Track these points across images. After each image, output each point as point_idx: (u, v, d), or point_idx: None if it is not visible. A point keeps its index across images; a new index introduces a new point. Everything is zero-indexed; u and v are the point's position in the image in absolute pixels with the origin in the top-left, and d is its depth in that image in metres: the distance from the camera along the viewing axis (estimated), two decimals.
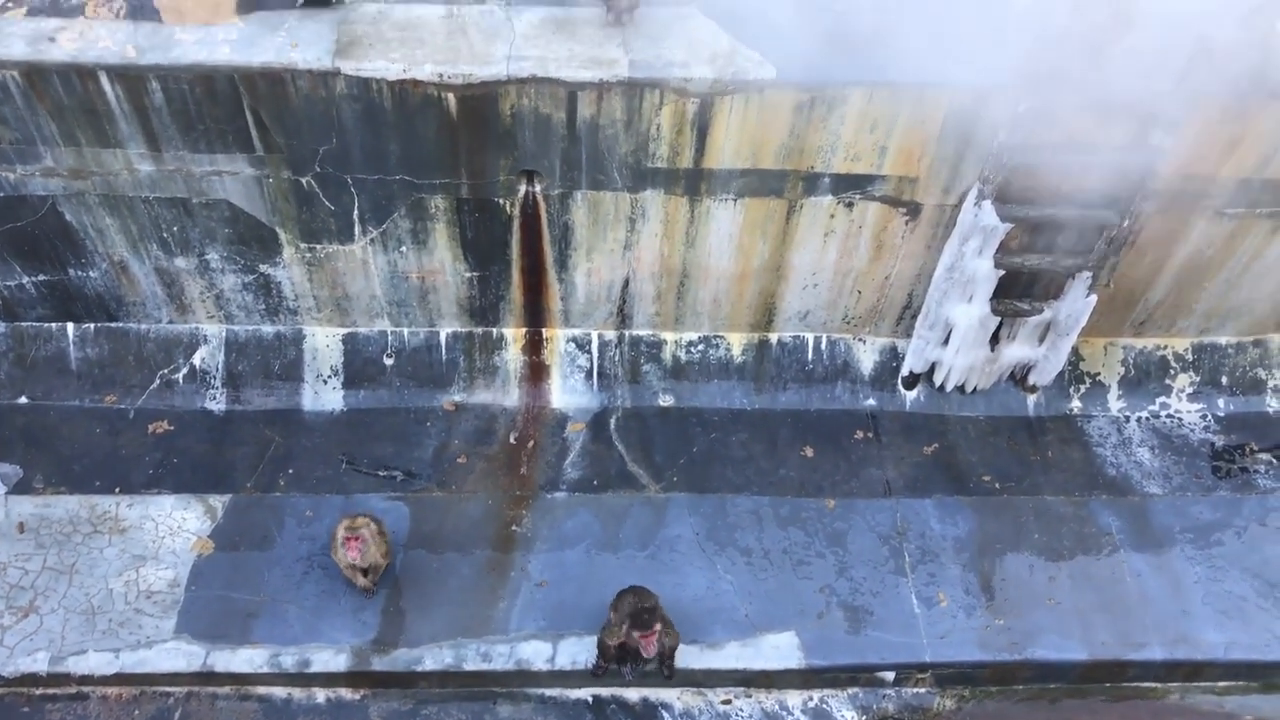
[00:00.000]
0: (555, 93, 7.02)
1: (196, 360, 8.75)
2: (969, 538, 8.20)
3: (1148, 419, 9.00)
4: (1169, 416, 9.01)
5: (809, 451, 8.67)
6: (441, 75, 6.86)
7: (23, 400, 8.61)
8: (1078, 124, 7.09)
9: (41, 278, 8.29)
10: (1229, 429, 8.94)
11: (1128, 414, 9.01)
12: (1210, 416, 9.02)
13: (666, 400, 8.92)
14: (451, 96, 6.99)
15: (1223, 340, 9.09)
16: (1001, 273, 7.83)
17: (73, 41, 6.80)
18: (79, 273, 8.26)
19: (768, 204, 7.84)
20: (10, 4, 6.98)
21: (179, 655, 7.27)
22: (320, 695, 7.39)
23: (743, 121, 7.21)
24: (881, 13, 7.09)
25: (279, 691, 7.37)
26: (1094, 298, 8.00)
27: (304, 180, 7.54)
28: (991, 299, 8.06)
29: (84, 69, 6.79)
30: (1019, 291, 8.16)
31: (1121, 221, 7.50)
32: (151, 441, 8.47)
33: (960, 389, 8.93)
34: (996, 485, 8.51)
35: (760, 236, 8.10)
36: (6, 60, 6.73)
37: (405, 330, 8.83)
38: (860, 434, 8.81)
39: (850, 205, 7.84)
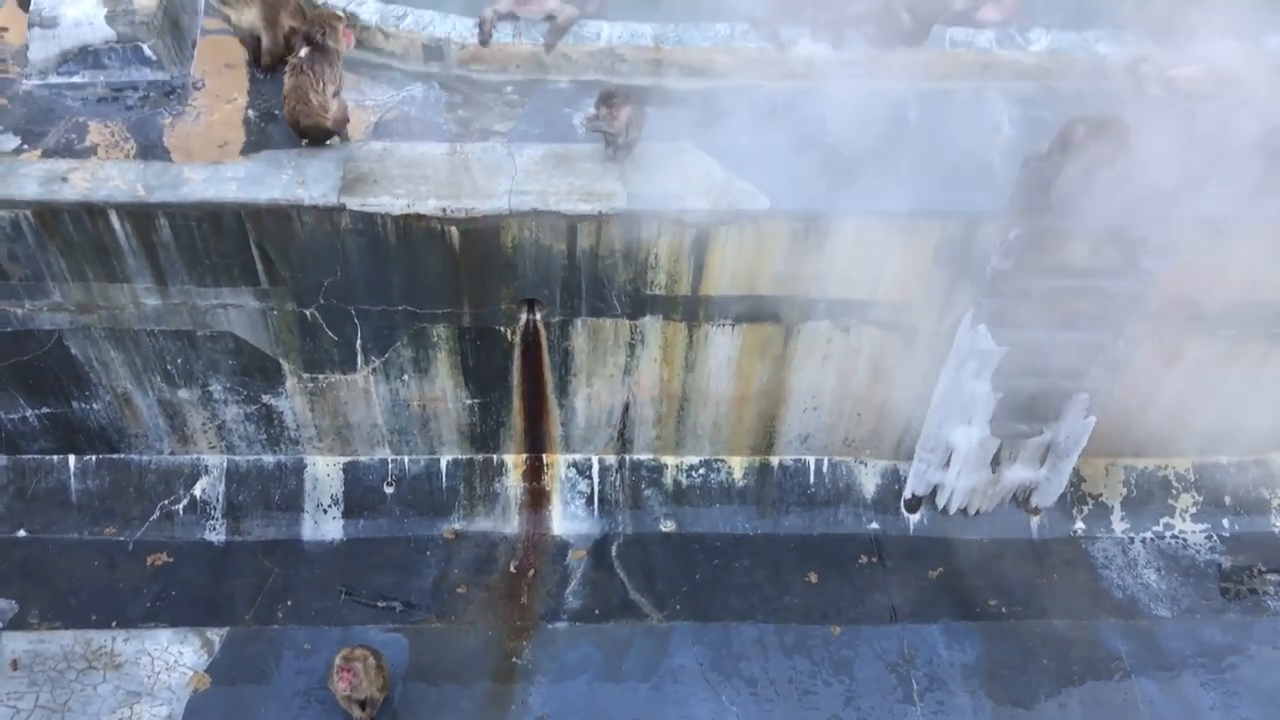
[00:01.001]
0: (556, 224, 7.16)
1: (197, 491, 8.74)
2: (977, 664, 8.06)
3: (1152, 540, 8.93)
4: (1173, 537, 8.94)
5: (813, 577, 8.59)
6: (445, 209, 7.02)
7: (21, 533, 8.56)
8: (1068, 249, 7.21)
9: (45, 410, 8.34)
10: (1235, 549, 8.85)
11: (1132, 535, 8.94)
12: (1215, 537, 8.94)
13: (668, 526, 8.87)
14: (454, 229, 7.13)
15: (1224, 460, 9.08)
16: (999, 395, 7.87)
17: (84, 181, 6.97)
18: (82, 405, 8.30)
19: (765, 329, 7.93)
20: (26, 146, 7.19)
21: None
22: None
23: (738, 250, 7.35)
24: (870, 145, 7.28)
25: None
26: (1093, 419, 8.02)
27: (308, 312, 7.64)
28: (990, 421, 8.08)
29: (94, 207, 6.95)
30: (1018, 413, 8.17)
31: (1116, 344, 7.57)
32: (150, 574, 8.39)
33: (963, 511, 8.88)
34: (1003, 609, 8.40)
35: (759, 361, 8.17)
36: (20, 200, 6.89)
37: (406, 458, 8.83)
38: (864, 558, 8.73)
39: (847, 330, 7.93)
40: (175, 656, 7.89)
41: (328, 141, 7.28)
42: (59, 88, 7.66)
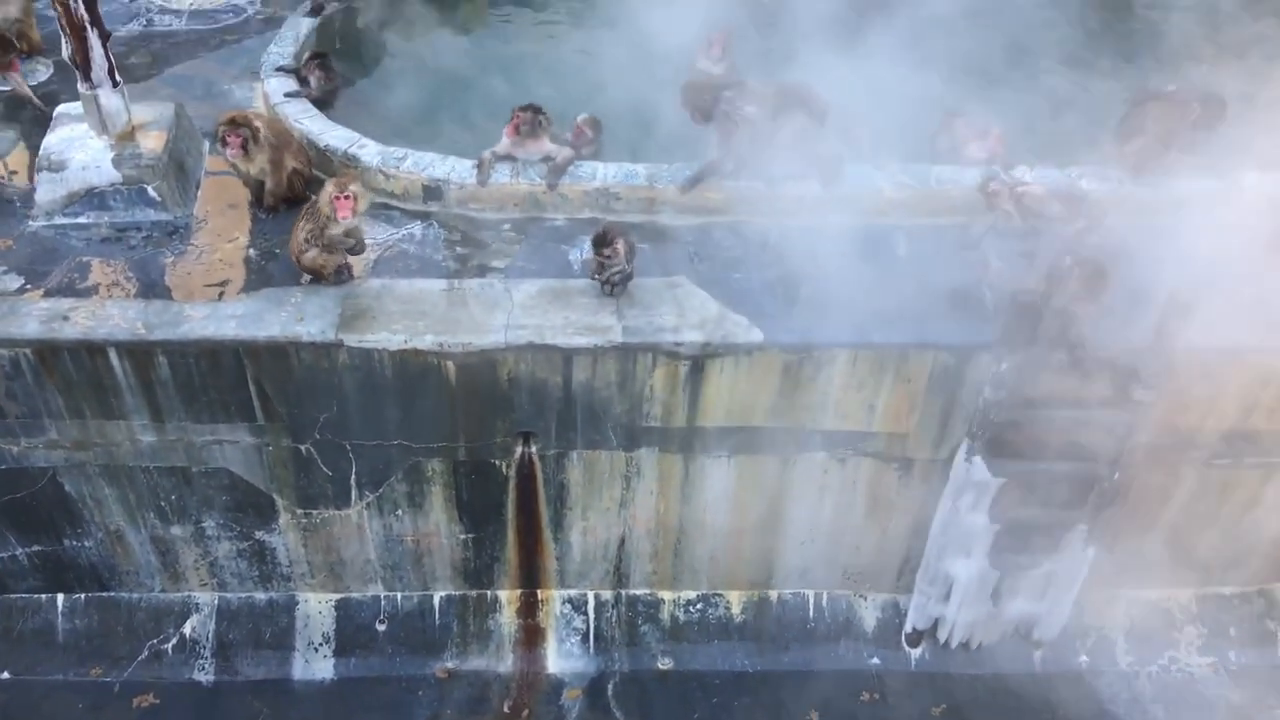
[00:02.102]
0: (551, 358, 7.22)
1: (187, 629, 8.59)
2: None
3: (1158, 673, 8.76)
4: (1179, 671, 8.77)
5: (815, 716, 8.39)
6: (442, 344, 7.09)
7: (5, 675, 8.37)
8: (1060, 381, 7.28)
9: (36, 548, 8.25)
10: (1242, 683, 8.67)
11: (1137, 668, 8.77)
12: (1223, 671, 8.77)
13: (665, 663, 8.70)
14: (451, 364, 7.19)
15: (1227, 591, 8.98)
16: (997, 527, 7.83)
17: (85, 320, 7.05)
18: (74, 543, 8.22)
19: (761, 461, 7.93)
20: (29, 286, 7.29)
21: None
22: None
23: (733, 382, 7.40)
24: (860, 278, 7.40)
25: None
26: (1092, 550, 7.97)
27: (303, 447, 7.64)
28: (989, 553, 8.02)
29: (94, 345, 7.01)
30: (1017, 545, 8.12)
31: (1112, 475, 7.58)
32: (135, 717, 8.18)
33: (965, 645, 8.74)
34: None
35: (755, 493, 8.14)
36: (20, 339, 6.96)
37: (399, 594, 8.71)
38: (866, 695, 8.55)
39: (843, 461, 7.93)
40: None
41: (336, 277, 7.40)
42: (64, 228, 7.82)
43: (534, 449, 7.80)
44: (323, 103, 8.84)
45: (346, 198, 7.08)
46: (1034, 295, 6.95)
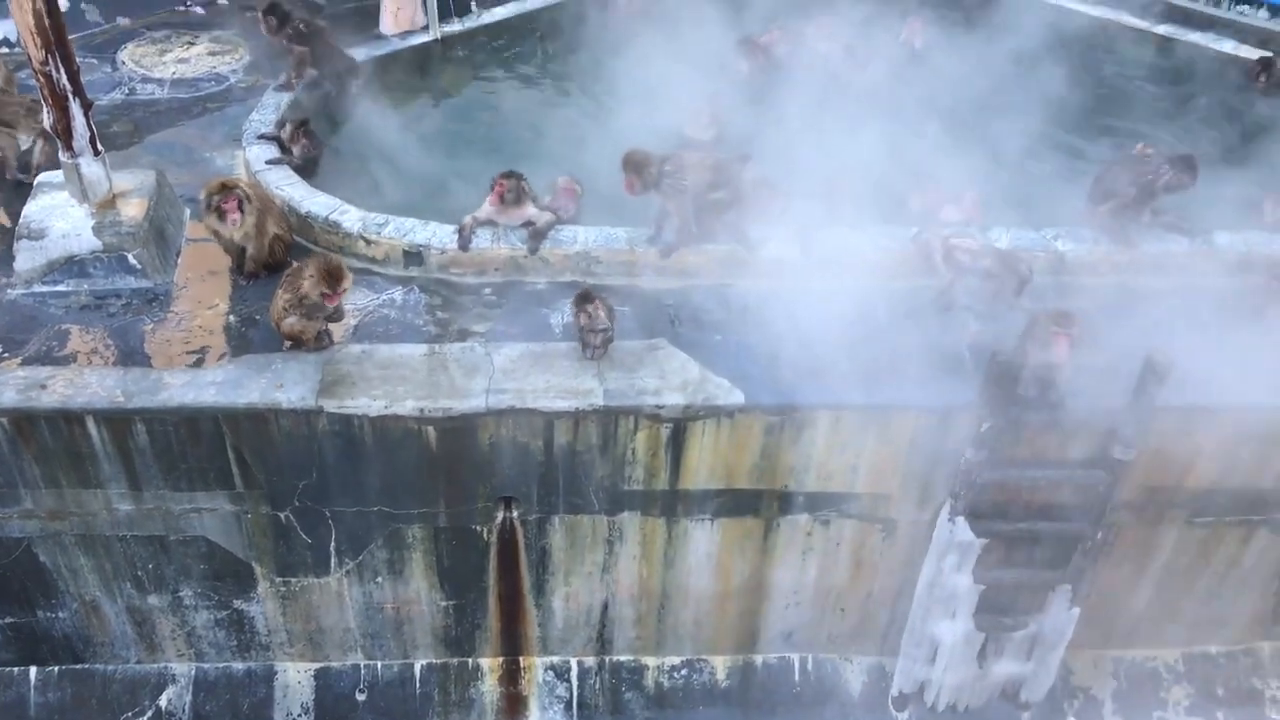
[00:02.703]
0: (533, 422, 7.21)
1: (163, 701, 8.43)
2: None
3: None
4: None
5: None
6: (422, 410, 7.06)
7: None
8: (1041, 441, 7.30)
9: (8, 621, 8.11)
10: None
11: None
12: None
13: None
14: (431, 429, 7.16)
15: (1213, 649, 8.94)
16: (981, 588, 7.80)
17: (63, 388, 7.00)
18: (48, 614, 8.09)
19: (744, 523, 7.89)
20: (6, 355, 7.24)
21: None
22: None
23: (715, 443, 7.39)
24: (840, 340, 7.44)
25: None
26: (1076, 610, 7.94)
27: (282, 515, 7.57)
28: (974, 614, 7.98)
29: (71, 414, 6.95)
30: (1001, 606, 8.09)
31: (1095, 534, 7.58)
32: None
33: (952, 708, 8.65)
34: None
35: (739, 555, 8.10)
36: None
37: (379, 663, 8.59)
38: None
39: (826, 523, 7.90)
40: None
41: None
42: (43, 296, 7.79)
43: (515, 514, 7.75)
44: (305, 170, 8.89)
45: (338, 295, 7.07)
46: (1013, 356, 7.00)
